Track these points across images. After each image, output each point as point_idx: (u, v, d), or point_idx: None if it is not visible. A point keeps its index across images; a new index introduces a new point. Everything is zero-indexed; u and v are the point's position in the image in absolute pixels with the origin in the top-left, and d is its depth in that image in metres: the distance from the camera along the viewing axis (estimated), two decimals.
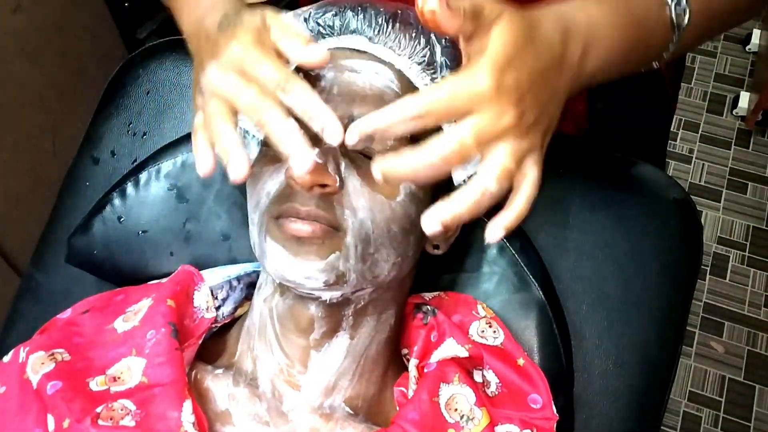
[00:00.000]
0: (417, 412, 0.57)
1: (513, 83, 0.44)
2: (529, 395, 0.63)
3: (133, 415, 0.55)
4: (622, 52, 0.55)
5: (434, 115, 0.44)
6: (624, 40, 0.54)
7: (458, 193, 0.45)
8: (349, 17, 0.61)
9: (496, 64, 0.43)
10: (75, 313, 0.67)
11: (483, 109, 0.43)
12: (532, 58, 0.45)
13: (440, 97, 0.43)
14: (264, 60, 0.48)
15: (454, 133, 0.44)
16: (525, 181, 0.47)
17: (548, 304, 0.70)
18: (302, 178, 0.52)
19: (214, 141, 0.50)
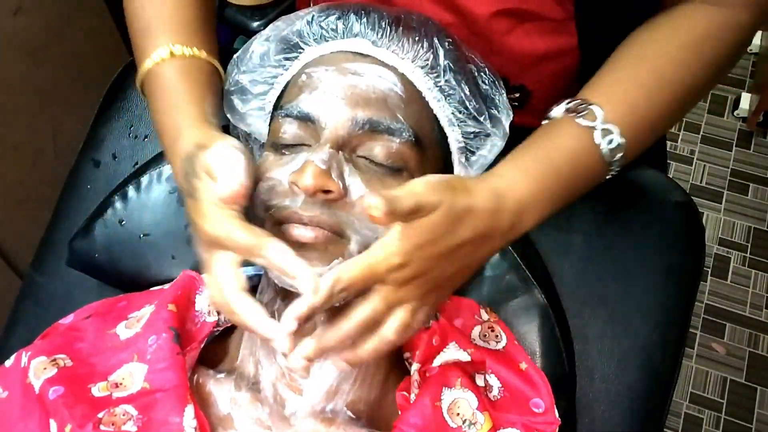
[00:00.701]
0: (419, 416, 0.57)
1: (421, 264, 0.50)
2: (532, 399, 0.63)
3: (135, 420, 0.55)
4: (555, 206, 0.58)
5: (352, 289, 0.49)
6: (555, 198, 0.57)
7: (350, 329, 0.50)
8: (352, 21, 0.61)
9: (411, 247, 0.49)
10: (77, 318, 0.67)
11: (389, 282, 0.50)
12: (450, 243, 0.50)
13: (360, 272, 0.49)
14: (234, 235, 0.51)
15: (369, 306, 0.50)
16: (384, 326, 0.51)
17: (550, 307, 0.70)
18: (305, 183, 0.52)
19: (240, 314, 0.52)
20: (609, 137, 0.57)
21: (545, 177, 0.56)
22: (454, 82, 0.61)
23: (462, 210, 0.51)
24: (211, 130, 0.59)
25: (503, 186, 0.54)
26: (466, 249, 0.52)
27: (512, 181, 0.55)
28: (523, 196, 0.55)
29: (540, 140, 0.59)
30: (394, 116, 0.57)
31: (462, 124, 0.62)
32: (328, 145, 0.55)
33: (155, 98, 0.64)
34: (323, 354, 0.51)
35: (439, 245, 0.50)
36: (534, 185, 0.56)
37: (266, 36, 0.65)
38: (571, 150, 0.58)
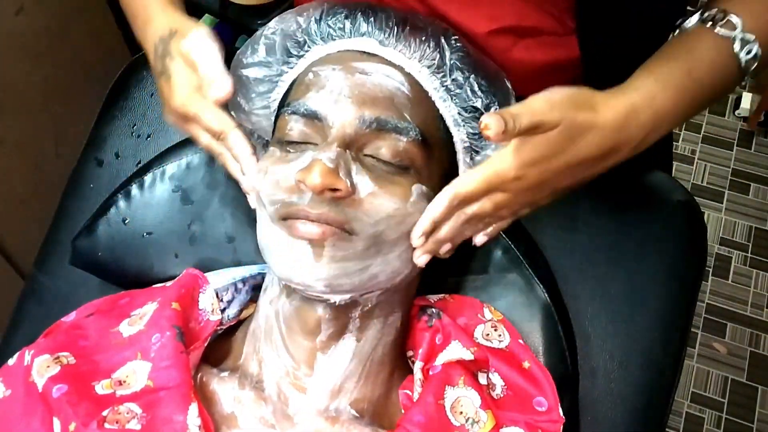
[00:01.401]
0: (423, 414, 0.57)
1: (536, 177, 0.53)
2: (535, 398, 0.63)
3: (139, 418, 0.55)
4: (687, 118, 0.59)
5: (469, 201, 0.54)
6: (689, 112, 0.58)
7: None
8: (359, 20, 0.61)
9: (526, 161, 0.52)
10: (79, 316, 0.67)
11: (506, 191, 0.54)
12: (568, 159, 0.52)
13: (475, 188, 0.53)
14: (203, 113, 0.60)
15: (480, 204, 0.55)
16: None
17: (553, 306, 0.70)
18: (312, 182, 0.52)
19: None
20: (747, 47, 0.57)
21: (684, 89, 0.57)
22: (461, 81, 0.61)
23: (583, 127, 0.52)
24: (178, 16, 0.65)
25: (639, 100, 0.55)
26: (587, 164, 0.54)
27: (650, 94, 0.55)
28: (661, 108, 0.56)
29: (678, 51, 0.59)
30: (401, 115, 0.57)
31: (467, 124, 0.62)
32: (336, 144, 0.55)
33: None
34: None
35: (557, 161, 0.52)
36: (671, 98, 0.56)
37: (273, 30, 0.65)
38: (711, 61, 0.58)
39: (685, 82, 0.57)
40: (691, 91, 0.57)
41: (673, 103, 0.56)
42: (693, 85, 0.57)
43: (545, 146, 0.51)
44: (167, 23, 0.63)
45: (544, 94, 0.51)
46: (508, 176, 0.52)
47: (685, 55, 0.58)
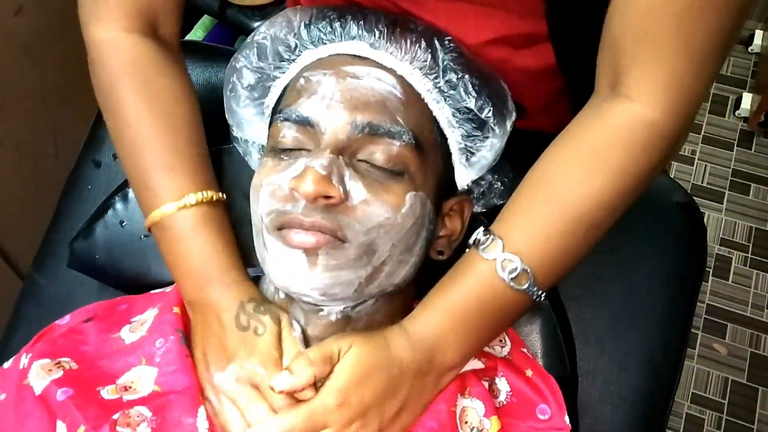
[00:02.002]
0: (435, 421, 0.57)
1: (356, 402, 0.53)
2: (538, 406, 0.62)
3: (149, 421, 0.55)
4: (478, 337, 0.59)
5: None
6: (474, 333, 0.58)
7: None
8: (349, 23, 0.60)
9: (341, 389, 0.53)
10: (75, 320, 0.66)
11: (333, 423, 0.53)
12: (376, 379, 0.54)
13: (301, 419, 0.52)
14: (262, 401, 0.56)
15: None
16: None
17: (552, 308, 0.69)
18: (305, 190, 0.52)
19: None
20: (510, 266, 0.56)
21: (454, 313, 0.57)
22: (454, 82, 0.60)
23: (373, 353, 0.54)
24: (256, 292, 0.61)
25: (432, 342, 0.57)
26: (395, 387, 0.55)
27: (422, 323, 0.57)
28: (431, 335, 0.57)
29: (450, 276, 0.59)
30: (394, 119, 0.57)
31: (462, 125, 0.61)
32: (328, 150, 0.55)
33: (176, 244, 0.63)
34: None
35: (366, 382, 0.54)
36: (444, 323, 0.57)
37: (263, 35, 0.64)
38: (473, 284, 0.57)
39: (452, 307, 0.58)
40: (460, 314, 0.57)
41: (443, 329, 0.57)
42: (460, 310, 0.57)
43: (356, 370, 0.53)
44: (249, 293, 0.60)
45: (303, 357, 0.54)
46: (329, 404, 0.52)
47: (454, 279, 0.58)
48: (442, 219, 0.63)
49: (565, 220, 0.56)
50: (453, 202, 0.64)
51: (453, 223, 0.64)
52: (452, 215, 0.64)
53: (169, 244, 0.63)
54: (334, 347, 0.54)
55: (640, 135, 0.55)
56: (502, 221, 0.59)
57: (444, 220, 0.64)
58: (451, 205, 0.64)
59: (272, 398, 0.55)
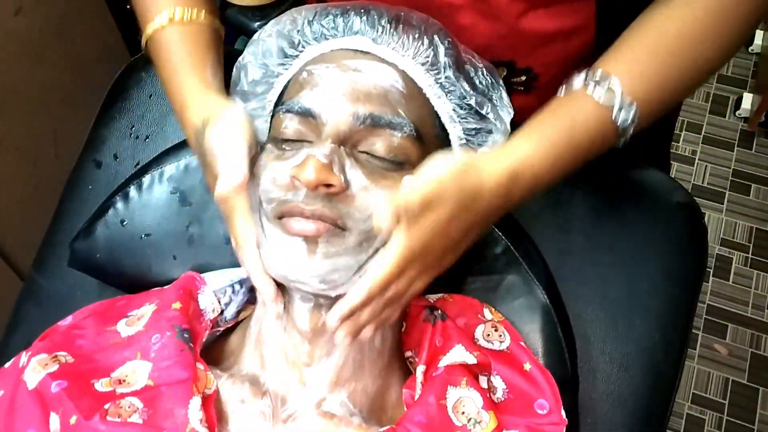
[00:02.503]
0: (424, 414, 0.57)
1: (439, 246, 0.54)
2: (536, 401, 0.62)
3: (140, 412, 0.55)
4: (563, 178, 0.60)
5: (390, 284, 0.54)
6: (567, 173, 0.60)
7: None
8: (352, 19, 0.61)
9: (424, 237, 0.53)
10: (76, 320, 0.67)
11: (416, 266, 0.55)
12: (458, 227, 0.54)
13: (391, 271, 0.53)
14: (231, 218, 0.58)
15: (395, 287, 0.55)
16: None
17: (553, 308, 0.69)
18: (306, 178, 0.52)
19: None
20: (625, 112, 0.59)
21: (564, 157, 0.59)
22: (455, 79, 0.61)
23: (472, 196, 0.54)
24: (212, 98, 0.62)
25: (520, 165, 0.57)
26: (478, 227, 0.57)
27: (530, 158, 0.57)
28: (539, 173, 0.57)
29: (559, 114, 0.60)
30: (395, 111, 0.57)
31: (463, 121, 0.62)
32: (330, 140, 0.55)
33: (159, 65, 0.68)
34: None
35: (454, 229, 0.54)
36: (553, 163, 0.58)
37: (268, 32, 0.65)
38: (589, 127, 0.59)
39: (563, 151, 0.59)
40: (570, 156, 0.59)
41: (550, 169, 0.58)
42: (571, 152, 0.59)
43: (443, 218, 0.53)
44: (201, 111, 0.61)
45: (432, 171, 0.53)
46: (415, 253, 0.53)
47: (567, 122, 0.59)
48: None
49: (679, 74, 0.61)
50: None
51: None
52: None
53: (154, 65, 0.68)
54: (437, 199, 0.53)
55: (745, 8, 0.60)
56: (614, 62, 0.61)
57: None
58: None
59: (231, 228, 0.59)
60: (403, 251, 0.53)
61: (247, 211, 0.58)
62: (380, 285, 0.54)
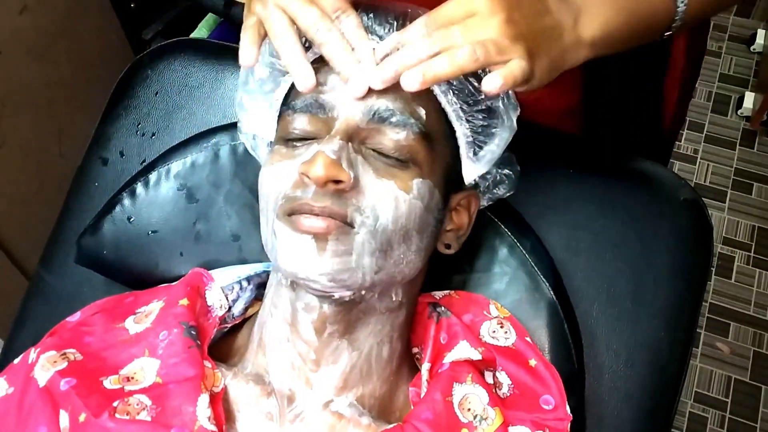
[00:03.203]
0: (431, 411, 0.57)
1: (505, 4, 0.51)
2: (542, 396, 0.63)
3: (149, 410, 0.55)
4: (620, 21, 0.58)
5: (439, 25, 0.51)
6: (618, 18, 0.58)
7: (443, 54, 0.51)
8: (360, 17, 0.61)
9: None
10: (84, 315, 0.67)
11: (476, 14, 0.51)
12: (528, 4, 0.52)
13: (443, 10, 0.51)
14: None
15: (441, 31, 0.51)
16: (510, 64, 0.51)
17: (559, 304, 0.69)
18: (316, 174, 0.52)
19: (280, 52, 0.56)
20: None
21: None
22: (462, 77, 0.61)
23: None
24: None
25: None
26: (544, 17, 0.54)
27: None
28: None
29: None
30: (403, 109, 0.57)
31: (470, 118, 0.62)
32: (338, 137, 0.55)
33: None
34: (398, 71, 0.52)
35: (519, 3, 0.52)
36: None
37: None
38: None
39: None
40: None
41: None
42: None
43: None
44: None
45: None
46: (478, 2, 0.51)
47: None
48: (449, 213, 0.64)
49: None
50: (460, 197, 0.64)
51: (460, 217, 0.65)
52: (459, 210, 0.65)
53: None
54: None
55: None
56: None
57: (451, 215, 0.64)
58: (459, 200, 0.64)
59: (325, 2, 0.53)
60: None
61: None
62: (438, 17, 0.51)
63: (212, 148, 0.75)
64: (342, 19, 0.54)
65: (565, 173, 0.77)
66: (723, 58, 2.28)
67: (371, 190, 0.55)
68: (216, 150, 0.75)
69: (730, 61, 2.27)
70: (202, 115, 0.84)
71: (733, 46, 2.30)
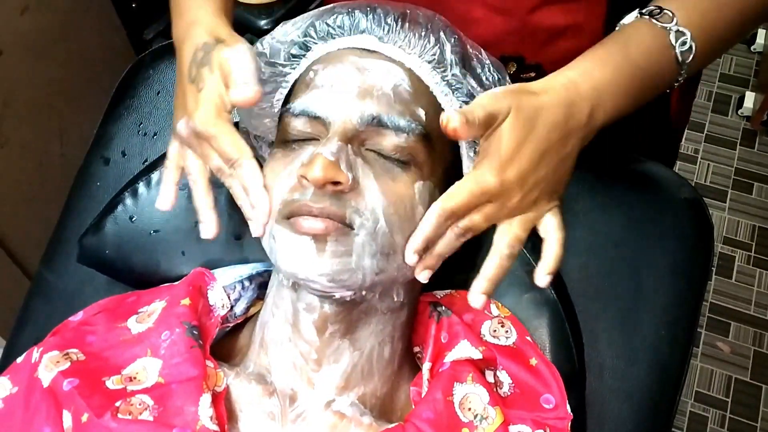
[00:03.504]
0: (432, 411, 0.57)
1: (515, 175, 0.53)
2: (542, 395, 0.63)
3: (151, 410, 0.56)
4: (629, 101, 0.59)
5: (458, 215, 0.53)
6: (630, 92, 0.59)
7: (487, 265, 0.56)
8: (358, 17, 0.61)
9: (500, 164, 0.52)
10: (86, 315, 0.67)
11: (493, 201, 0.53)
12: (533, 146, 0.53)
13: (460, 201, 0.53)
14: (222, 137, 0.56)
15: (465, 222, 0.54)
16: (548, 235, 0.57)
17: (560, 303, 0.70)
18: (314, 175, 0.52)
19: (192, 194, 0.60)
20: (682, 39, 0.59)
21: (621, 67, 0.58)
22: (461, 76, 0.61)
23: (532, 109, 0.53)
24: (228, 28, 0.62)
25: (576, 75, 0.57)
26: (553, 147, 0.55)
27: (586, 70, 0.57)
28: (597, 83, 0.57)
29: (615, 37, 0.61)
30: (402, 110, 0.57)
31: None
32: (337, 138, 0.55)
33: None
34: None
35: (527, 151, 0.53)
36: (609, 73, 0.57)
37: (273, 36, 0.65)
38: (646, 46, 0.60)
39: (622, 61, 0.58)
40: (629, 70, 0.59)
41: (611, 78, 0.57)
42: (630, 65, 0.59)
43: (510, 140, 0.52)
44: (214, 31, 0.60)
45: (487, 92, 0.53)
46: (489, 183, 0.52)
47: (622, 41, 0.60)
48: None
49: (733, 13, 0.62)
50: None
51: None
52: None
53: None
54: (496, 107, 0.52)
55: None
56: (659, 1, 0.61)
57: None
58: None
59: (223, 148, 0.56)
60: (477, 178, 0.52)
61: (234, 130, 0.57)
62: (450, 210, 0.53)
63: None
64: (237, 169, 0.56)
65: None
66: (723, 57, 2.28)
67: (370, 192, 0.55)
68: None
69: (730, 61, 2.27)
70: None
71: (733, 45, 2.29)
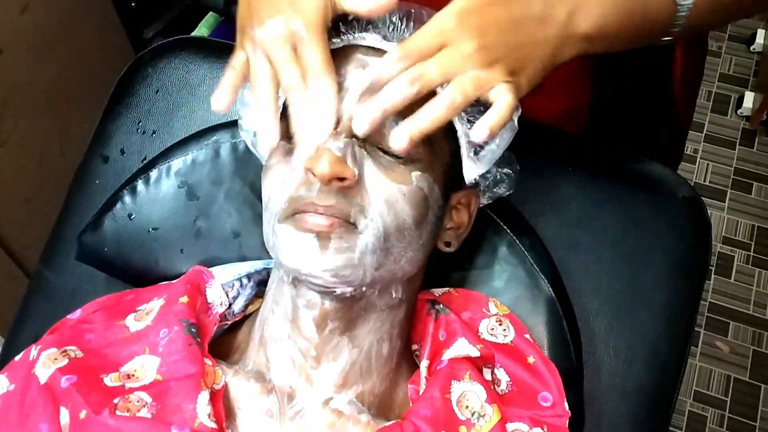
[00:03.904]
0: (429, 408, 0.57)
1: (476, 23, 0.51)
2: (540, 393, 0.63)
3: (149, 407, 0.56)
4: (618, 18, 0.57)
5: (413, 58, 0.51)
6: (620, 9, 0.57)
7: (422, 109, 0.51)
8: None
9: (463, 10, 0.51)
10: (85, 313, 0.67)
11: (448, 45, 0.51)
12: (501, 9, 0.52)
13: (416, 38, 0.51)
14: (313, 46, 0.53)
15: (416, 68, 0.51)
16: (498, 97, 0.51)
17: (558, 301, 0.70)
18: (321, 171, 0.52)
19: (255, 101, 0.56)
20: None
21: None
22: None
23: None
24: None
25: None
26: (523, 25, 0.53)
27: None
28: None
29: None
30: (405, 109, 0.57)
31: (471, 117, 0.62)
32: (344, 135, 0.56)
33: None
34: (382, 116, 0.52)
35: (491, 10, 0.51)
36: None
37: None
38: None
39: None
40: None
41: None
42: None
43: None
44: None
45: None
46: (446, 23, 0.51)
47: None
48: (449, 211, 0.64)
49: None
50: (460, 195, 0.64)
51: (460, 216, 0.65)
52: (459, 208, 0.65)
53: None
54: None
55: None
56: None
57: (451, 213, 0.64)
58: (459, 198, 0.64)
59: (308, 61, 0.53)
60: (437, 19, 0.51)
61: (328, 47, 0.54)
62: (407, 49, 0.51)
63: (213, 146, 0.75)
64: (315, 82, 0.54)
65: (564, 171, 0.77)
66: (723, 57, 2.28)
67: (374, 187, 0.55)
68: (216, 148, 0.75)
69: (730, 61, 2.27)
70: (203, 113, 0.84)
71: (733, 45, 2.30)
